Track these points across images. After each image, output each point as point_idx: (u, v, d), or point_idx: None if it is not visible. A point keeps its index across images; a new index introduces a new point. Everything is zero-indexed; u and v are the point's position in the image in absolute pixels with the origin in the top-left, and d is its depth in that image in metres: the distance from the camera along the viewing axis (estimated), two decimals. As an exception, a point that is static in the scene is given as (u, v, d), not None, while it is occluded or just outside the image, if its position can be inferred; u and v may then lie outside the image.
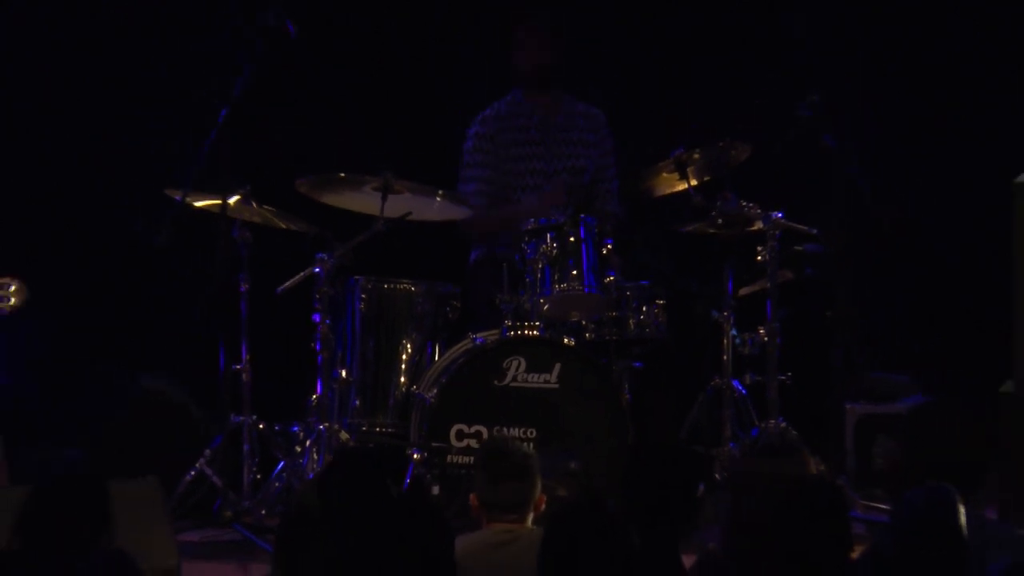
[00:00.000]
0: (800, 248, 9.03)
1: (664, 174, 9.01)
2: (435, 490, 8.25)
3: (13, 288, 8.09)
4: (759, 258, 8.89)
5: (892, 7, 10.19)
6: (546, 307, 8.64)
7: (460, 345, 8.71)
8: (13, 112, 10.11)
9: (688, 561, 5.96)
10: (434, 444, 8.45)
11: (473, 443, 8.43)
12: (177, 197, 8.81)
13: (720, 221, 8.82)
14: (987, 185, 9.41)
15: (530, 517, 6.46)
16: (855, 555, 5.64)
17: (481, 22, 9.93)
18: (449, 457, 8.45)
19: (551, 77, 9.30)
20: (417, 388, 8.72)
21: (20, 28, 10.17)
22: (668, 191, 9.09)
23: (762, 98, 9.37)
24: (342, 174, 8.82)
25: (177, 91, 9.84)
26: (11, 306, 8.10)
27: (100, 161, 10.12)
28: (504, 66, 9.44)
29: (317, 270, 8.74)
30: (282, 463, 8.87)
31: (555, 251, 8.66)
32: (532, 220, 8.80)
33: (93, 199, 10.06)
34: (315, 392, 8.82)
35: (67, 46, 10.15)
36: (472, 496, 6.55)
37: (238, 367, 8.91)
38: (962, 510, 5.69)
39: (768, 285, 8.87)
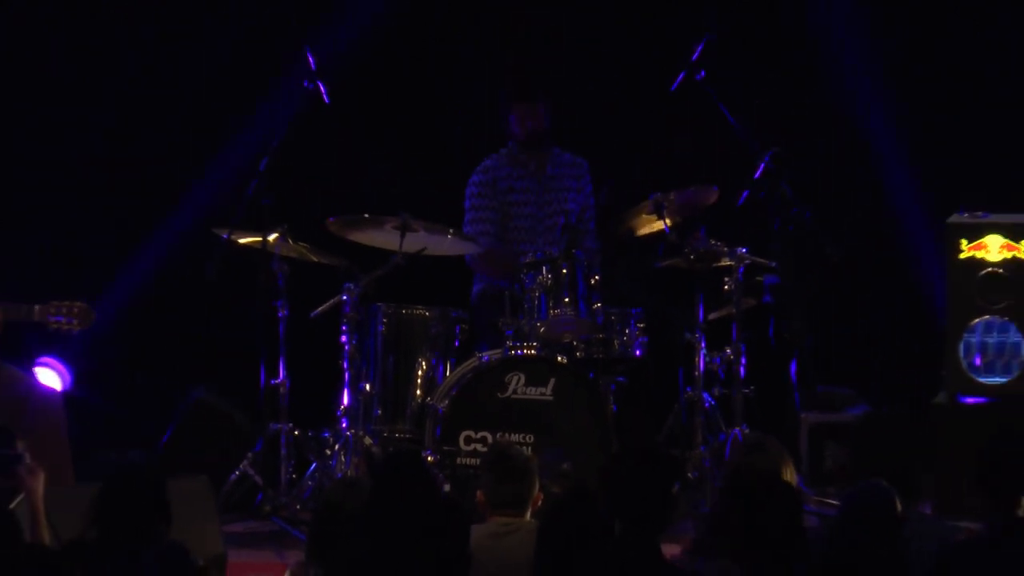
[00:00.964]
0: (760, 279, 9.12)
1: (643, 215, 9.03)
2: (446, 488, 8.28)
3: (77, 311, 8.08)
4: (725, 288, 8.93)
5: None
6: (542, 329, 8.68)
7: (468, 362, 8.74)
8: (97, 173, 10.19)
9: (665, 550, 5.91)
10: (445, 448, 8.51)
11: (479, 447, 8.47)
12: (224, 235, 8.88)
13: (692, 256, 8.84)
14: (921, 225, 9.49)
15: (529, 512, 6.50)
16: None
17: (487, 79, 9.93)
18: (458, 459, 8.50)
19: (543, 139, 9.29)
20: (431, 399, 8.73)
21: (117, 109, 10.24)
22: (646, 230, 9.11)
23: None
24: (366, 215, 8.88)
25: (224, 145, 9.86)
26: (78, 327, 8.09)
27: (161, 204, 10.15)
28: (498, 120, 9.43)
29: (345, 298, 8.83)
30: (314, 464, 8.95)
31: (550, 281, 8.69)
32: (530, 254, 8.86)
33: (157, 238, 10.09)
34: (343, 403, 8.87)
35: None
36: (479, 493, 6.60)
37: (276, 381, 8.96)
38: (897, 503, 5.76)
39: (733, 311, 8.92)
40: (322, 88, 9.01)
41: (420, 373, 8.93)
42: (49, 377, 8.66)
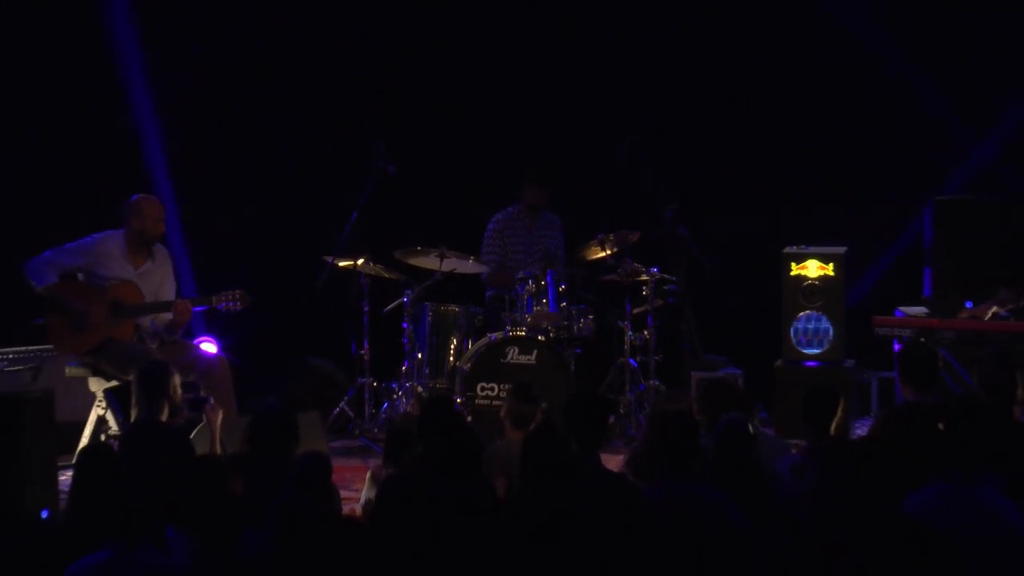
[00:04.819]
0: (666, 287, 9.08)
1: (593, 247, 9.06)
2: (469, 419, 8.19)
3: (239, 295, 8.04)
4: (644, 293, 8.96)
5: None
6: (529, 320, 8.67)
7: (482, 340, 8.72)
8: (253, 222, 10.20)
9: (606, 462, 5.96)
10: (468, 394, 8.51)
11: (491, 393, 8.45)
12: (329, 260, 8.91)
13: (623, 274, 8.89)
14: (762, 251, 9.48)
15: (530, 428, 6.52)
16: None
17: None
18: (476, 401, 8.50)
19: (542, 207, 9.27)
20: (459, 364, 8.71)
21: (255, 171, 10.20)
22: (594, 257, 9.11)
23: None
24: (418, 247, 8.88)
25: (331, 203, 9.79)
26: (240, 306, 8.04)
27: (295, 240, 10.13)
28: (509, 188, 9.34)
29: (405, 299, 8.87)
30: (386, 404, 8.97)
31: (534, 290, 8.70)
32: (521, 272, 8.84)
33: (293, 261, 10.06)
34: (404, 365, 8.89)
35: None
36: (505, 414, 6.62)
37: (362, 352, 8.99)
38: (750, 426, 5.77)
39: (649, 308, 8.94)
40: (389, 167, 9.05)
41: (452, 347, 8.89)
42: (209, 348, 8.66)
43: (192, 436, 7.01)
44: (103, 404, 7.92)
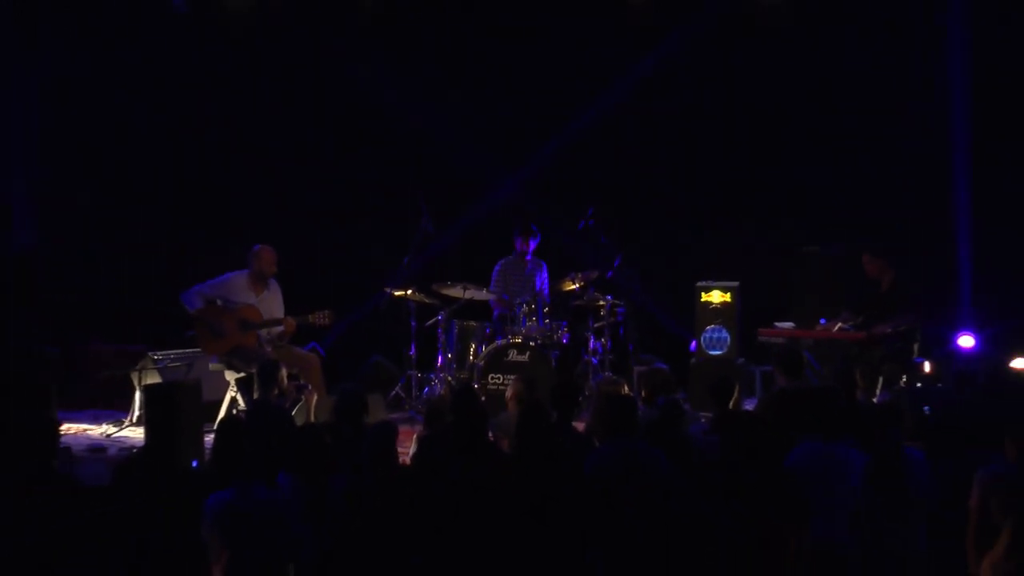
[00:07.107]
0: (616, 310, 8.96)
1: (566, 282, 8.98)
2: (483, 398, 8.17)
3: (328, 313, 8.03)
4: (601, 313, 8.89)
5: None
6: (524, 331, 8.61)
7: (492, 345, 8.64)
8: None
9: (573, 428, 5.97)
10: (482, 382, 8.45)
11: (498, 382, 8.35)
12: (387, 290, 8.85)
13: (587, 300, 8.84)
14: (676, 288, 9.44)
15: None
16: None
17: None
18: (487, 387, 8.43)
19: (529, 254, 9.15)
20: (476, 361, 8.65)
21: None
22: (568, 289, 9.02)
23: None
24: (449, 282, 8.83)
25: (389, 250, 9.65)
26: (328, 323, 8.04)
27: (365, 276, 9.92)
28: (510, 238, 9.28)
29: (439, 317, 8.79)
30: (427, 388, 8.88)
31: (527, 310, 8.66)
32: (518, 299, 8.79)
33: (364, 291, 9.85)
34: (439, 362, 8.81)
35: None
36: (511, 395, 6.54)
37: (410, 353, 8.90)
38: (683, 404, 5.76)
39: (605, 323, 8.87)
40: (430, 226, 8.98)
41: (471, 350, 8.81)
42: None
43: (295, 412, 6.99)
44: (235, 389, 7.95)
